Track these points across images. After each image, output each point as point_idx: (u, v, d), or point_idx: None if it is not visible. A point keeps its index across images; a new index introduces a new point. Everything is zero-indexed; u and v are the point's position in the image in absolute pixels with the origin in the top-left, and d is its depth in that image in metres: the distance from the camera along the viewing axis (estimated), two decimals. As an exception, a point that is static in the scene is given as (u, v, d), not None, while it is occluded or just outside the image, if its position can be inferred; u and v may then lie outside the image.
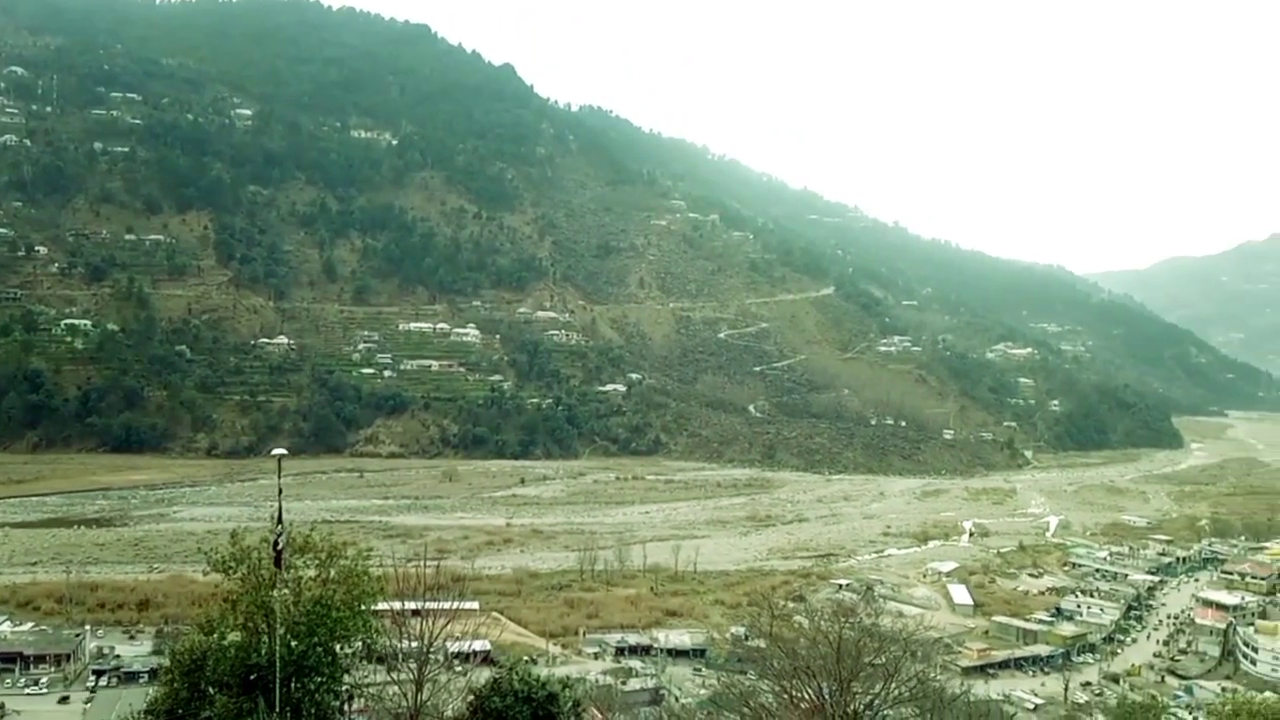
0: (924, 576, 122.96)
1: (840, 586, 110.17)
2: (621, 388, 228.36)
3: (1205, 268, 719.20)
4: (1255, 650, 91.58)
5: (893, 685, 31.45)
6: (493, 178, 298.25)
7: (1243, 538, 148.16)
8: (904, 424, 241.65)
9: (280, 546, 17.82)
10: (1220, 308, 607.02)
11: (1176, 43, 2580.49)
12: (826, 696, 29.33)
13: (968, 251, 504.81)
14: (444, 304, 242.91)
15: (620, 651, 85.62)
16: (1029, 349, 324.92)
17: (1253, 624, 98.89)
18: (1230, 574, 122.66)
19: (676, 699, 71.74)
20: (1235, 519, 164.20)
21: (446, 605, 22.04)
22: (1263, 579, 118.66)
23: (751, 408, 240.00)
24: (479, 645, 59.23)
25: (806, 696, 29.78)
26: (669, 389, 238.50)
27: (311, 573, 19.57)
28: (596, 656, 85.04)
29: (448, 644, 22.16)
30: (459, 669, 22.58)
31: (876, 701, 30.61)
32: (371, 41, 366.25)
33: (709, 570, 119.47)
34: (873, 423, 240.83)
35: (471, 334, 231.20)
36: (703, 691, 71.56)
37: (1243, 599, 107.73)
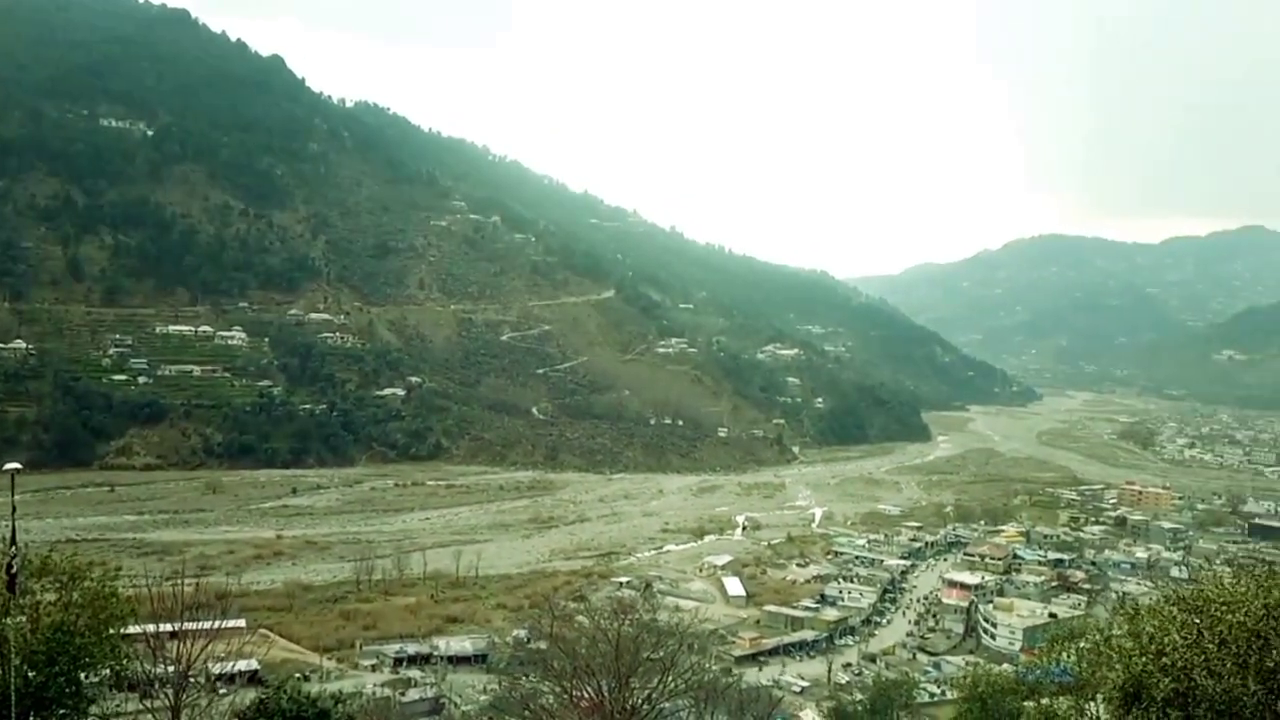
0: (700, 570, 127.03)
1: (621, 584, 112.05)
2: (401, 391, 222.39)
3: (949, 274, 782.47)
4: (994, 625, 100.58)
5: (669, 678, 32.38)
6: (261, 173, 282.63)
7: (982, 522, 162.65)
8: (681, 423, 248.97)
9: (14, 570, 16.39)
10: (961, 310, 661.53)
11: (922, 73, 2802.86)
12: (606, 694, 29.80)
13: (739, 257, 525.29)
14: (207, 305, 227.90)
15: (399, 662, 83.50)
16: (796, 350, 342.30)
17: (991, 601, 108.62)
18: (972, 556, 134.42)
19: (457, 706, 70.81)
20: (976, 505, 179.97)
21: (208, 625, 20.87)
22: (1000, 560, 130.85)
23: (535, 410, 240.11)
24: (245, 665, 56.13)
25: (587, 695, 30.15)
26: (450, 392, 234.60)
27: (51, 596, 18.12)
28: (374, 668, 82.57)
29: (210, 665, 20.98)
30: (223, 691, 21.42)
31: (654, 695, 31.42)
32: (124, 25, 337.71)
33: (491, 574, 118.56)
34: (652, 422, 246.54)
35: (238, 337, 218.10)
36: (483, 697, 70.98)
37: (983, 579, 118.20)
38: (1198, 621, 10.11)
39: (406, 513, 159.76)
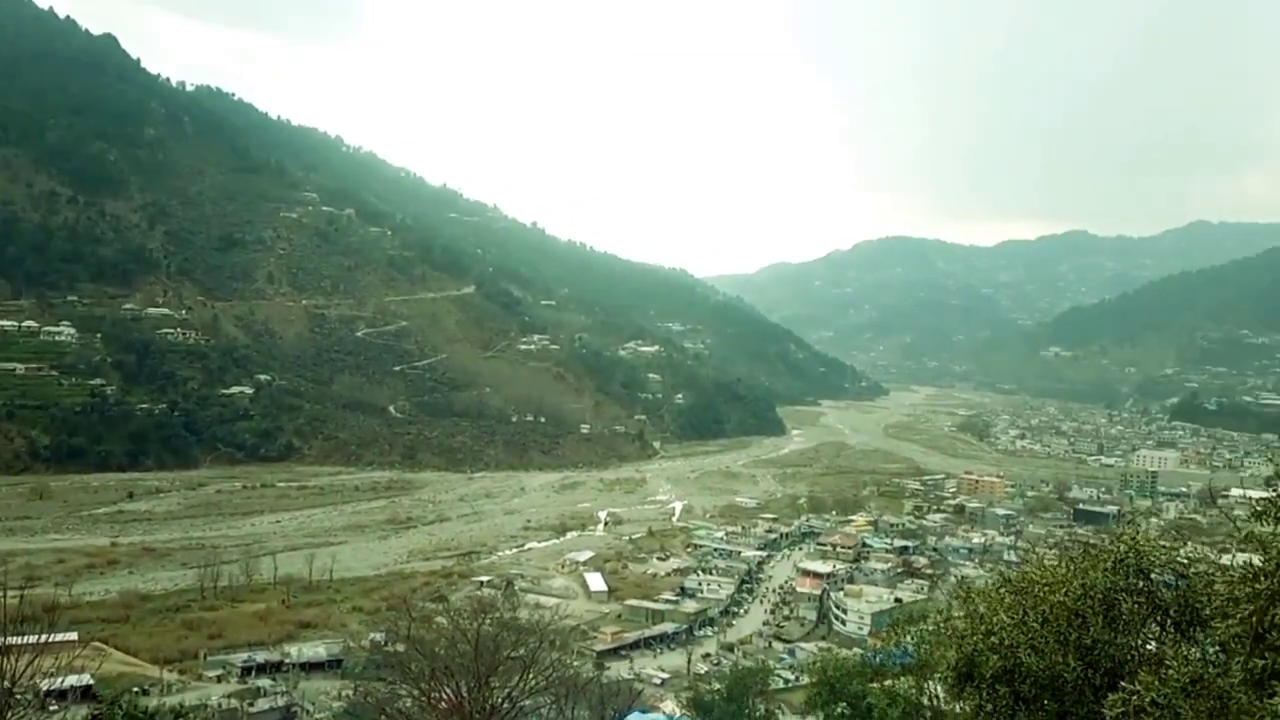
0: (562, 567, 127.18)
1: (481, 583, 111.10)
2: (249, 390, 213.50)
3: (801, 273, 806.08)
4: (844, 612, 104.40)
5: (530, 676, 32.35)
6: (92, 159, 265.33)
7: (834, 512, 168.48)
8: (544, 420, 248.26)
9: None
10: (814, 309, 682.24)
11: (777, 79, 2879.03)
12: (465, 694, 29.57)
13: (601, 254, 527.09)
14: (32, 299, 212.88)
15: (247, 671, 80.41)
16: (657, 346, 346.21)
17: (842, 589, 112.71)
18: (824, 545, 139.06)
19: (310, 714, 68.84)
20: (828, 496, 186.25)
21: (34, 639, 19.64)
22: (850, 548, 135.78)
23: (392, 408, 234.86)
24: (77, 680, 53.00)
25: (445, 696, 29.83)
26: (302, 390, 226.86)
27: None
28: (220, 679, 79.24)
29: (38, 682, 19.77)
30: (53, 708, 20.22)
31: (515, 693, 31.33)
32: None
33: (346, 577, 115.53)
34: (514, 419, 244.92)
35: (66, 333, 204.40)
36: (337, 704, 69.26)
37: (834, 567, 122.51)
38: (1023, 602, 10.82)
39: (255, 516, 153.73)
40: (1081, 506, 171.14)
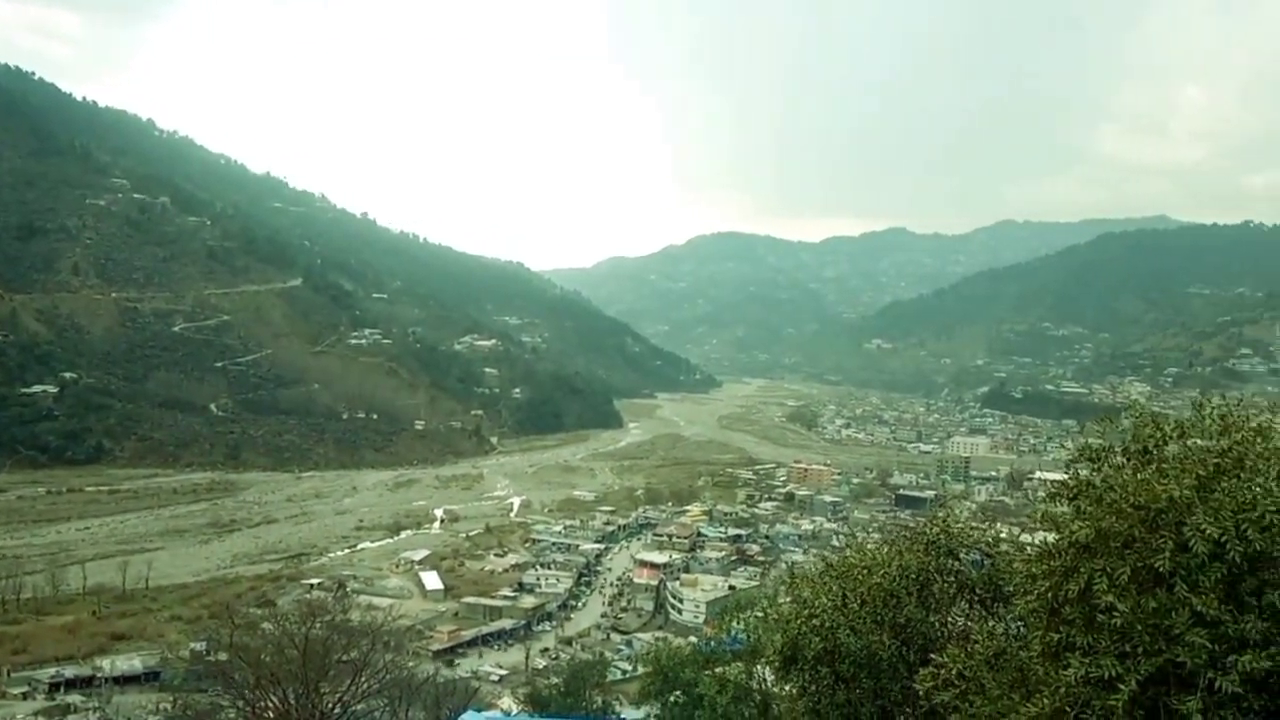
0: (397, 566, 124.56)
1: (311, 586, 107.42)
2: (53, 389, 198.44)
3: (637, 268, 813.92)
4: (681, 601, 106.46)
5: (363, 679, 31.60)
6: None
7: (670, 503, 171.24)
8: (376, 416, 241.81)
9: None
10: (650, 303, 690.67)
11: (608, 76, 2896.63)
12: (293, 701, 28.68)
13: (435, 245, 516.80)
14: None
15: (55, 687, 75.26)
16: (494, 340, 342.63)
17: (678, 578, 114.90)
18: (661, 536, 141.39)
19: (124, 731, 65.03)
20: (664, 487, 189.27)
21: None
22: (686, 538, 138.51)
23: (213, 406, 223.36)
24: None
25: (272, 704, 28.85)
26: (114, 389, 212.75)
27: None
28: (26, 696, 73.88)
29: None
30: None
31: (347, 698, 30.53)
32: None
33: (164, 585, 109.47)
34: (344, 416, 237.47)
35: None
36: (154, 717, 65.73)
37: (671, 557, 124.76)
38: (844, 585, 11.28)
39: (62, 523, 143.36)
40: (902, 492, 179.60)
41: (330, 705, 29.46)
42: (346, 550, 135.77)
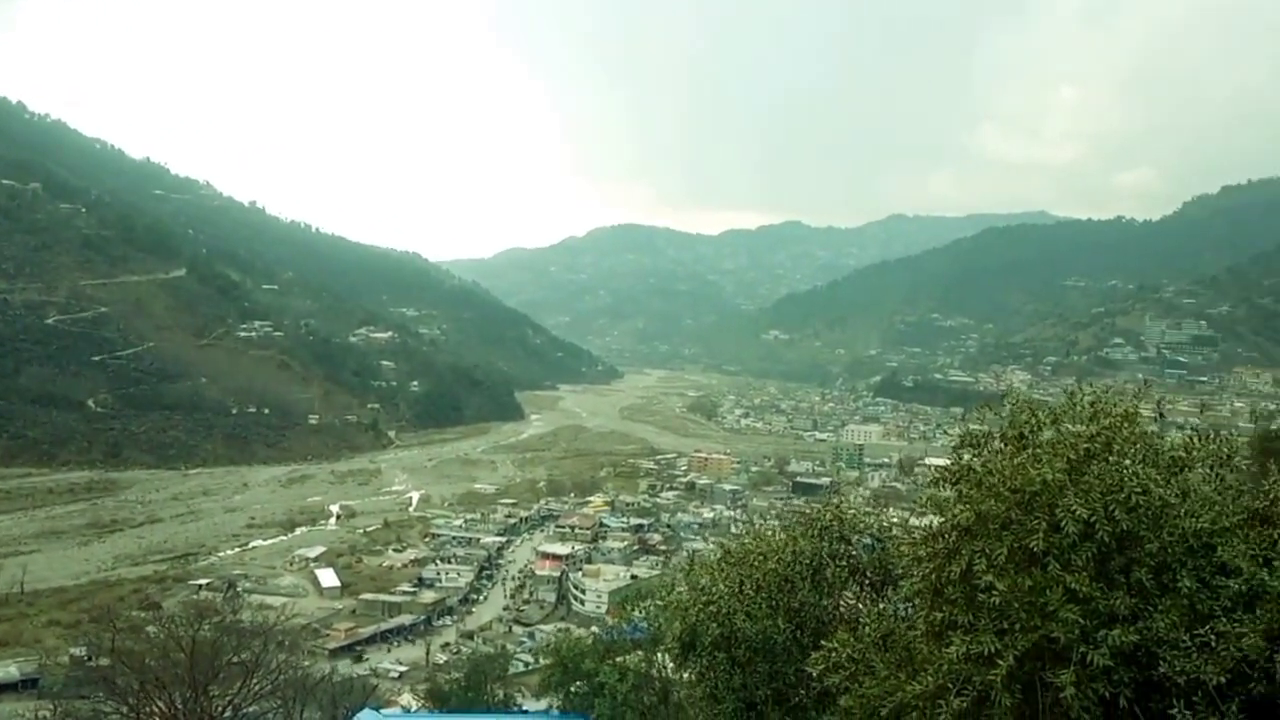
0: (291, 564, 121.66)
1: (200, 587, 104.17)
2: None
3: (537, 259, 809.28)
4: (583, 592, 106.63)
5: (255, 680, 30.87)
6: None
7: (572, 495, 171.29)
8: (268, 411, 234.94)
9: None
10: (550, 294, 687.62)
11: (505, 67, 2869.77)
12: (180, 706, 27.91)
13: (328, 235, 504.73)
14: None
15: (-79, 701, 71.10)
16: (390, 332, 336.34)
17: (580, 569, 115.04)
18: (563, 528, 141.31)
19: (-2, 745, 61.89)
20: (566, 479, 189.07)
21: None
22: (588, 529, 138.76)
23: (91, 402, 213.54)
24: None
25: (158, 710, 28.02)
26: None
27: None
28: (-113, 712, 69.59)
29: None
30: None
31: (238, 700, 29.80)
32: None
33: (41, 589, 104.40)
34: (234, 412, 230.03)
35: None
36: (32, 729, 62.61)
37: (573, 548, 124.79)
38: (740, 572, 11.49)
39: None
40: (799, 479, 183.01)
41: (220, 708, 28.73)
42: (237, 549, 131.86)
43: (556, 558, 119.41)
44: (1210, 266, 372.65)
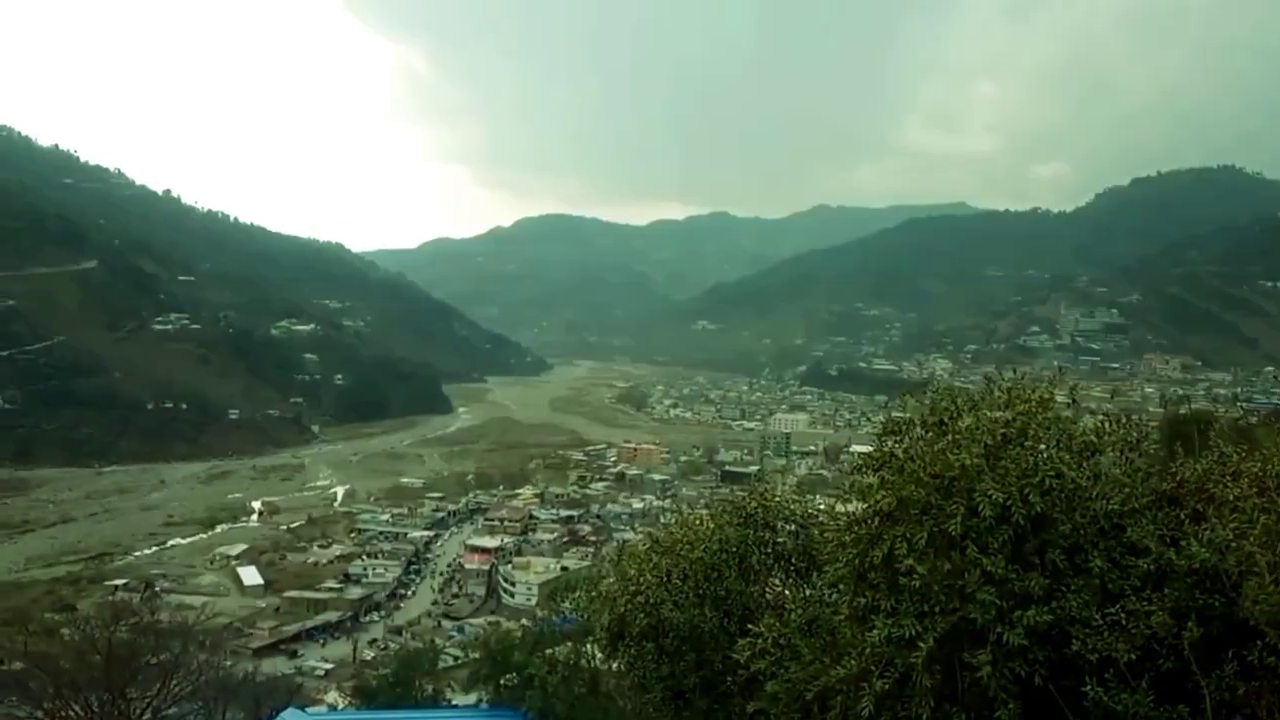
0: (212, 563, 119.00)
1: (116, 588, 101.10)
2: None
3: (464, 250, 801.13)
4: (513, 584, 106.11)
5: (174, 682, 30.25)
6: None
7: (501, 487, 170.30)
8: (186, 407, 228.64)
9: None
10: (478, 286, 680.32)
11: (425, 57, 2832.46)
12: (97, 709, 27.26)
13: (248, 225, 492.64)
14: None
15: None
16: (313, 325, 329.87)
17: (510, 562, 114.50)
18: (492, 520, 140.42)
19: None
20: (495, 471, 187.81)
21: None
22: (518, 521, 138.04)
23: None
24: None
25: (74, 713, 27.33)
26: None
27: None
28: None
29: None
30: None
31: (157, 702, 29.21)
32: None
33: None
34: (150, 407, 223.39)
35: None
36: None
37: (502, 541, 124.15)
38: (667, 561, 11.53)
39: None
40: (728, 468, 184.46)
41: (139, 711, 28.08)
42: (155, 548, 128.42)
43: (486, 551, 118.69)
44: (1122, 257, 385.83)
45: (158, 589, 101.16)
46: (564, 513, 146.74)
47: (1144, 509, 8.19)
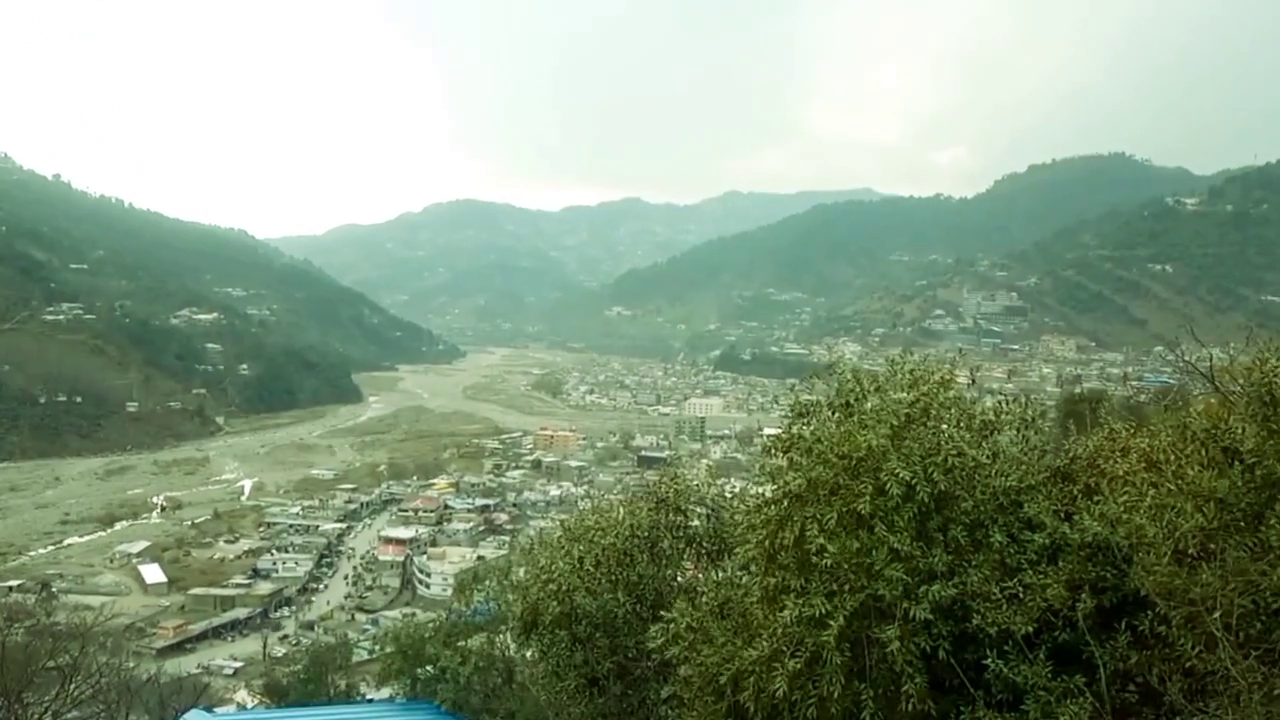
0: (111, 561, 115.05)
1: (10, 589, 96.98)
2: None
3: (372, 235, 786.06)
4: (428, 575, 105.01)
5: (73, 685, 29.26)
6: None
7: (415, 477, 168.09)
8: (80, 400, 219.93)
9: None
10: (387, 272, 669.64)
11: (339, 33, 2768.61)
12: (-10, 717, 26.14)
13: (143, 211, 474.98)
14: None
15: None
16: (215, 314, 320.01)
17: (425, 553, 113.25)
18: (406, 511, 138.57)
19: None
20: (409, 461, 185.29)
21: None
22: (432, 511, 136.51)
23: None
24: None
25: (-36, 723, 26.15)
26: None
27: None
28: None
29: None
30: None
31: (55, 707, 28.20)
32: None
33: None
34: (42, 401, 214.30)
35: None
36: None
37: (417, 532, 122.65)
38: (579, 548, 11.50)
39: None
40: (644, 453, 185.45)
41: (36, 716, 27.04)
42: (50, 547, 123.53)
43: (400, 542, 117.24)
44: (1019, 241, 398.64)
45: (54, 589, 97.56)
46: (480, 502, 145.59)
47: (1040, 485, 8.45)
